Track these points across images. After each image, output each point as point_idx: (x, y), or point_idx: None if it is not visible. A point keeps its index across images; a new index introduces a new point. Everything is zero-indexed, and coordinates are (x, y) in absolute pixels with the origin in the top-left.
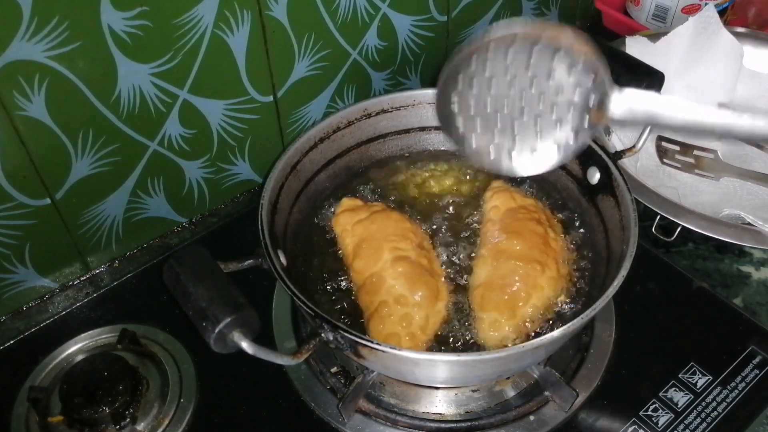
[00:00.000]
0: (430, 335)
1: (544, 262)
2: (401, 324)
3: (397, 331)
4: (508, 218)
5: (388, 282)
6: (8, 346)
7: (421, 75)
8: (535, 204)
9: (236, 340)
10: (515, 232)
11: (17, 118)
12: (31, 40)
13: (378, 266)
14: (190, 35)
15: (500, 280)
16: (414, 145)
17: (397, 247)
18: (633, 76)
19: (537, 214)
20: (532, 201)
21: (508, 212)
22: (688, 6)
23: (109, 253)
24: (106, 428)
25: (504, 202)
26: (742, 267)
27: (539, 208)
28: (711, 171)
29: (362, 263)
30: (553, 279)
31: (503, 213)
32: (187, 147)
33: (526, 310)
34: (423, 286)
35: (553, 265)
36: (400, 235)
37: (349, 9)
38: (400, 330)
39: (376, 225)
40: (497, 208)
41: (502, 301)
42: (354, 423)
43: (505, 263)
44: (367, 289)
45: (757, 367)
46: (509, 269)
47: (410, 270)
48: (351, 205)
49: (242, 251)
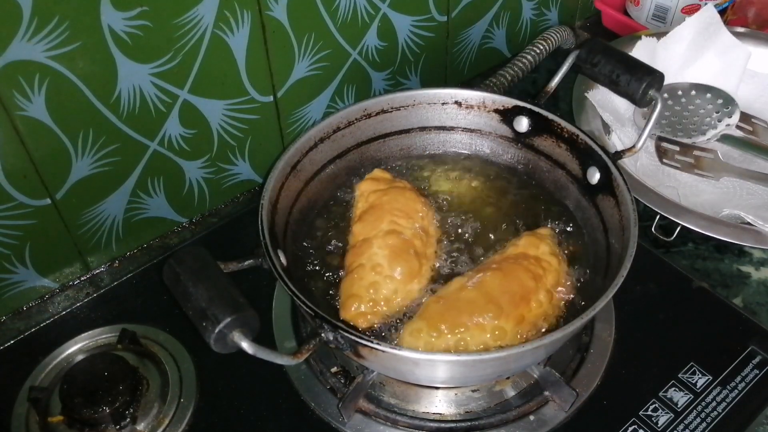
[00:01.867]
0: (394, 311)
1: (507, 313)
2: (368, 290)
3: (361, 294)
4: (512, 258)
5: (374, 249)
6: (8, 346)
7: (421, 75)
8: (554, 265)
9: (236, 340)
10: (501, 271)
11: (17, 118)
12: (31, 40)
13: (372, 233)
14: (190, 35)
15: (453, 298)
16: (414, 145)
17: (395, 221)
18: (633, 76)
19: (542, 272)
20: (554, 261)
21: (521, 255)
22: (689, 6)
23: (109, 253)
24: (106, 428)
25: (526, 246)
26: (741, 267)
27: (553, 269)
28: (711, 171)
29: (360, 227)
30: (501, 330)
31: (516, 254)
32: (187, 147)
33: (450, 339)
34: (403, 263)
35: (512, 320)
36: (404, 211)
37: (349, 9)
38: (364, 294)
39: (388, 197)
40: (516, 246)
41: (437, 315)
42: (354, 423)
43: (471, 291)
44: (354, 251)
45: (757, 367)
46: (468, 297)
47: (398, 245)
48: (378, 176)
49: (242, 251)
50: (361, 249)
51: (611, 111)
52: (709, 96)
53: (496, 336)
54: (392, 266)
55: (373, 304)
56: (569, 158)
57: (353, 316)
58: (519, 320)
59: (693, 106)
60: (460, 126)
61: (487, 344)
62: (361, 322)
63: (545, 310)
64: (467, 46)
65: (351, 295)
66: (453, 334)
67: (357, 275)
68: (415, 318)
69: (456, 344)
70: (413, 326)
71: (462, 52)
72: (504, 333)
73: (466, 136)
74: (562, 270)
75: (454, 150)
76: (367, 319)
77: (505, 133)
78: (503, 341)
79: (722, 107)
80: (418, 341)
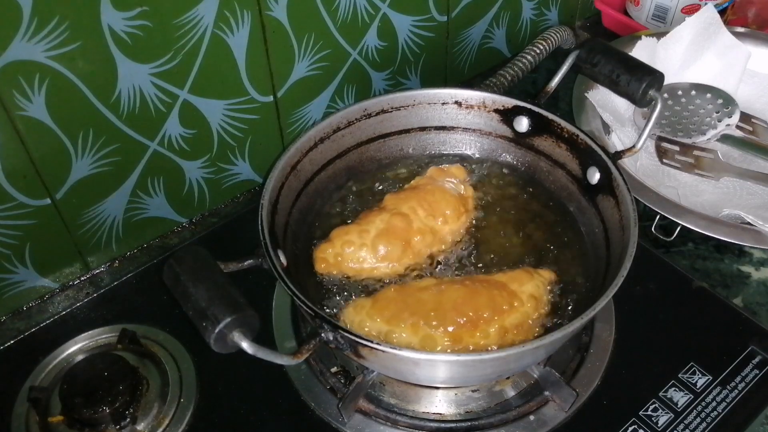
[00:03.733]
0: (355, 276)
1: (446, 328)
2: (343, 244)
3: (335, 243)
4: (489, 282)
5: (377, 218)
6: (8, 346)
7: (421, 75)
8: (526, 307)
9: (236, 340)
10: (467, 289)
11: (17, 118)
12: (31, 40)
13: (391, 206)
14: (190, 35)
15: (409, 294)
16: (414, 145)
17: (414, 209)
18: (633, 76)
19: (507, 308)
20: (529, 303)
21: (499, 284)
22: (688, 6)
23: (109, 253)
24: (106, 428)
25: (512, 279)
26: (741, 267)
27: (521, 311)
28: (711, 171)
29: (391, 198)
30: (431, 340)
31: (497, 281)
32: (187, 147)
33: (383, 327)
34: (385, 243)
35: (447, 336)
36: (430, 207)
37: (349, 9)
38: (337, 244)
39: (430, 188)
40: (504, 273)
41: (385, 301)
42: (354, 423)
43: (429, 293)
44: (369, 211)
45: (757, 367)
46: (422, 298)
47: (396, 227)
48: (451, 170)
49: (242, 251)
50: (372, 213)
51: (611, 111)
52: (709, 96)
53: (423, 343)
54: (376, 240)
55: (340, 259)
56: (569, 158)
57: (317, 256)
58: (456, 339)
59: (693, 106)
60: (460, 126)
61: (411, 346)
62: (321, 264)
63: (489, 343)
64: (467, 46)
65: (330, 239)
66: (387, 324)
67: (347, 228)
68: (369, 297)
69: (385, 334)
70: (360, 302)
71: (462, 52)
72: (433, 343)
73: (466, 136)
74: (533, 315)
75: (454, 150)
76: (326, 265)
77: (505, 133)
78: (429, 350)
79: (722, 107)
80: (356, 317)
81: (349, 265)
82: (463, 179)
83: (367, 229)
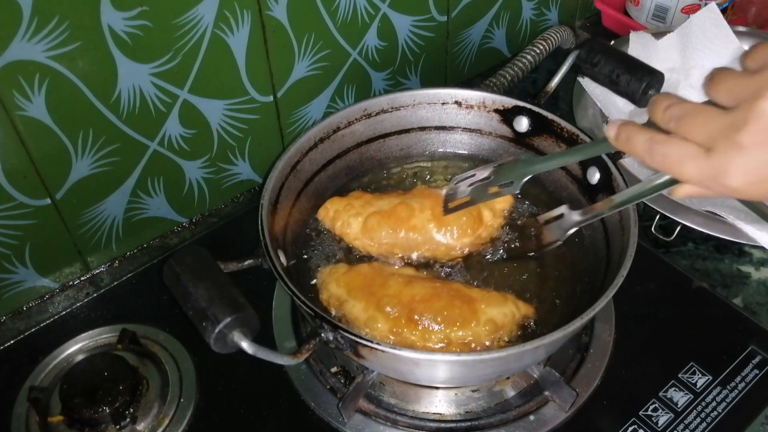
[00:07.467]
0: (346, 237)
1: (396, 317)
2: (346, 206)
3: (339, 202)
4: (460, 292)
5: (387, 198)
6: (8, 346)
7: (421, 75)
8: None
9: (236, 340)
10: (435, 291)
11: (17, 118)
12: (31, 40)
13: (412, 194)
14: (190, 35)
15: (379, 274)
16: (414, 145)
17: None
18: (633, 76)
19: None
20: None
21: (471, 299)
22: (688, 6)
23: (109, 253)
24: (106, 428)
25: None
26: (742, 267)
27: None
28: None
29: (421, 186)
30: (376, 323)
31: (470, 295)
32: (187, 147)
33: (342, 296)
34: (381, 223)
35: (391, 323)
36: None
37: (349, 9)
38: (340, 204)
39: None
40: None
41: (356, 274)
42: (354, 423)
43: (400, 280)
44: (393, 191)
45: (757, 367)
46: (390, 282)
47: (397, 212)
48: None
49: (242, 251)
50: (395, 194)
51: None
52: None
53: (368, 324)
54: (372, 216)
55: (336, 215)
56: None
57: (325, 204)
58: (397, 331)
59: None
60: (460, 126)
61: (359, 324)
62: (323, 212)
63: (427, 346)
64: (467, 46)
65: (338, 198)
66: (347, 294)
67: (361, 194)
68: (348, 266)
69: (341, 302)
70: (338, 267)
71: (462, 52)
72: (376, 325)
73: (466, 136)
74: (484, 340)
75: (454, 150)
76: (325, 214)
77: (505, 133)
78: (373, 333)
79: None
80: (328, 278)
81: (338, 225)
82: (502, 210)
83: (374, 203)
